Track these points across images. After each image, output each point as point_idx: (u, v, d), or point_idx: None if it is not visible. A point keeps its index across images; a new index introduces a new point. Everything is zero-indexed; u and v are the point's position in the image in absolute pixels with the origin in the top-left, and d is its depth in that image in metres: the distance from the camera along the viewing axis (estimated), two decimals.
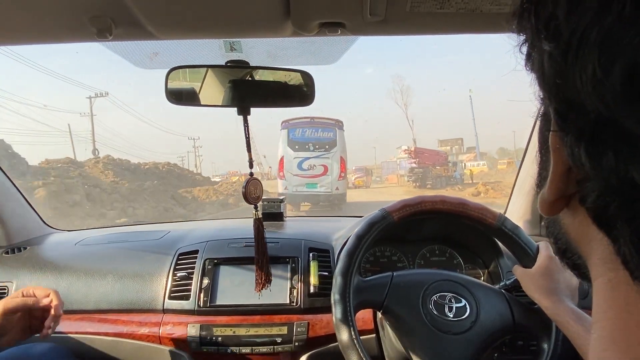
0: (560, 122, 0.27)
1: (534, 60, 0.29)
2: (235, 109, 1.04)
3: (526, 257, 0.97)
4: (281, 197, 1.63)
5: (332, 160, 13.30)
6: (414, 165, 27.75)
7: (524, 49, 0.30)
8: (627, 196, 0.25)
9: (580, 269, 0.34)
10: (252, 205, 1.10)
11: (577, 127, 0.26)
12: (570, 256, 0.34)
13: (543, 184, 0.33)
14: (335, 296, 0.92)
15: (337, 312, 0.90)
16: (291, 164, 13.31)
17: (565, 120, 0.27)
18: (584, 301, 0.92)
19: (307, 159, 13.32)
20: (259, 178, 1.12)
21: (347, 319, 0.89)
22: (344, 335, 0.88)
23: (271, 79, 1.07)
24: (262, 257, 1.13)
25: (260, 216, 1.13)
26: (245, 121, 1.06)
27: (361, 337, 0.90)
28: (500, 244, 1.16)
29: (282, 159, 13.52)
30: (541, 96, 0.30)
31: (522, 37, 0.30)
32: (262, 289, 1.14)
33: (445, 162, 28.66)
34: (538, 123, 0.34)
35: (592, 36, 0.23)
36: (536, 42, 0.28)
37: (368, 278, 0.98)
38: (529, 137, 1.42)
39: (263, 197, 1.56)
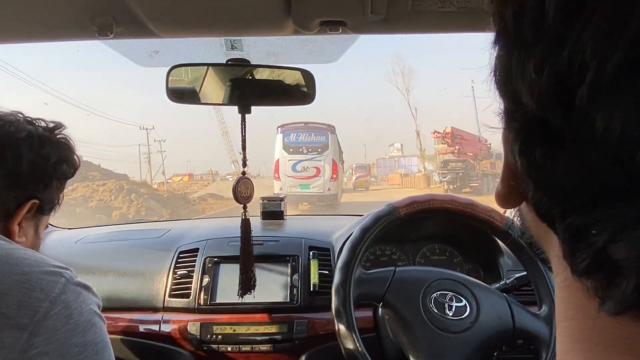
0: (507, 120, 0.28)
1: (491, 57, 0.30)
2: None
3: (531, 262, 0.97)
4: (282, 196, 1.63)
5: (324, 162, 13.81)
6: (451, 157, 19.92)
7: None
8: (555, 194, 0.25)
9: (548, 264, 0.33)
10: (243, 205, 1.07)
11: (517, 125, 0.26)
12: (536, 250, 0.34)
13: None
14: (336, 286, 0.92)
15: (336, 301, 0.91)
16: (286, 166, 13.78)
17: (511, 118, 0.27)
18: None
19: (300, 161, 13.83)
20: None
21: (346, 309, 0.90)
22: (341, 324, 0.89)
23: (272, 78, 1.08)
24: (247, 259, 1.10)
25: (248, 217, 1.10)
26: (243, 120, 1.06)
27: (361, 337, 0.90)
28: (500, 242, 1.17)
29: (277, 162, 14.03)
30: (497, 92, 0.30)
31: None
32: (244, 294, 1.11)
33: (488, 153, 21.07)
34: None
35: (529, 38, 0.24)
36: (496, 39, 0.28)
37: (370, 271, 0.98)
38: None
39: (263, 196, 1.57)
